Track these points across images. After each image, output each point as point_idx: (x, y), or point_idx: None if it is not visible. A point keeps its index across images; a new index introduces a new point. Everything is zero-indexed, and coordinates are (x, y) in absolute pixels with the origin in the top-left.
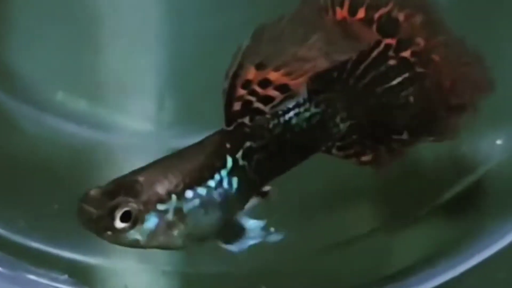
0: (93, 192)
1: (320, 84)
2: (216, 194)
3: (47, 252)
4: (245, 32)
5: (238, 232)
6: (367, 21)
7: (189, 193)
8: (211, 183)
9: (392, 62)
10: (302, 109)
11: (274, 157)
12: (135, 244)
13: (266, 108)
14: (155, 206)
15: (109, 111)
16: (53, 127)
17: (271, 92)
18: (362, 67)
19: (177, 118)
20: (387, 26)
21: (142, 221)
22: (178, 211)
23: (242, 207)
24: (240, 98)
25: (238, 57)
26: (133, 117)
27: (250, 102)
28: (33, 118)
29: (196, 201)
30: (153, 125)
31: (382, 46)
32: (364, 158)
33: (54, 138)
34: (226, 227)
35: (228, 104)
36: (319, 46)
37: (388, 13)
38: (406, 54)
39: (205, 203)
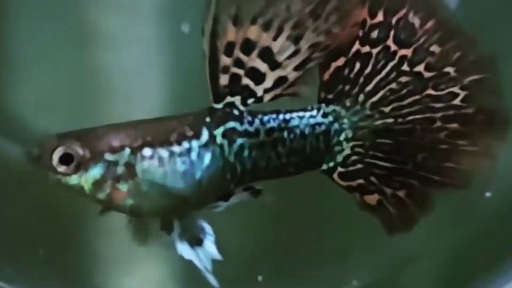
0: (48, 136)
1: (331, 94)
2: (179, 162)
3: None
4: None
5: (192, 231)
6: (385, 26)
7: (147, 151)
8: (176, 148)
9: (404, 79)
10: (307, 114)
11: (266, 154)
12: (80, 192)
13: (259, 90)
14: (104, 156)
15: None
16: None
17: (256, 61)
18: (374, 82)
19: None
20: (404, 33)
21: (87, 168)
22: (129, 165)
23: (213, 195)
24: (226, 70)
25: (212, 6)
26: None
27: (238, 77)
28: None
29: (154, 162)
30: None
31: (397, 58)
32: (368, 199)
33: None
34: (183, 212)
35: (213, 76)
36: None
37: (405, 17)
38: (420, 68)
39: (164, 167)
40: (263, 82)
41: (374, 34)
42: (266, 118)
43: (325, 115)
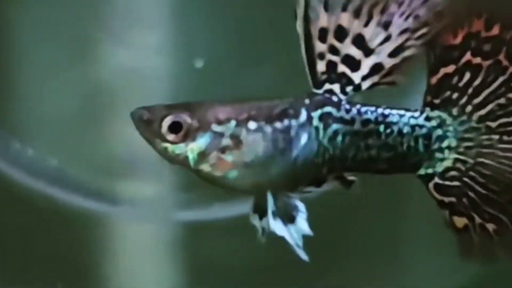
0: (157, 105)
1: (438, 100)
2: (280, 137)
3: None
4: None
5: (286, 208)
6: (499, 40)
7: (252, 124)
8: (278, 124)
9: None
10: (409, 114)
11: (359, 144)
12: (184, 162)
13: (356, 77)
14: (211, 126)
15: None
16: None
17: (351, 48)
18: (483, 95)
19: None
20: None
21: (194, 138)
22: (235, 137)
23: (306, 177)
24: (322, 56)
25: None
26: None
27: (334, 64)
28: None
29: (258, 135)
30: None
31: (507, 74)
32: (456, 220)
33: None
34: (278, 190)
35: (311, 61)
36: None
37: None
38: None
39: (267, 141)
40: (359, 69)
41: (487, 47)
42: (364, 109)
43: (428, 119)
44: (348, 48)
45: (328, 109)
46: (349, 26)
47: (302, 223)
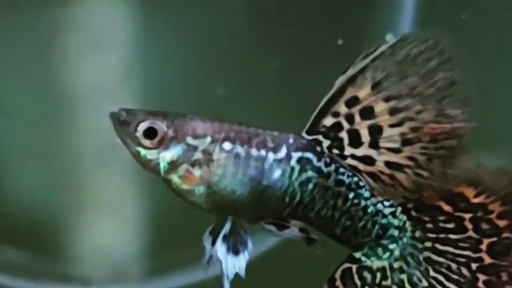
0: (137, 109)
1: (416, 213)
2: (252, 165)
3: None
4: None
5: (237, 239)
6: (499, 215)
7: (227, 145)
8: (254, 152)
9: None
10: (380, 199)
11: (326, 200)
12: (154, 168)
13: (348, 150)
14: (185, 138)
15: None
16: None
17: (364, 130)
18: (448, 239)
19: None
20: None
21: (167, 147)
22: (207, 153)
23: (268, 212)
24: (336, 115)
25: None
26: None
27: (340, 129)
28: None
29: (230, 156)
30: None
31: (474, 242)
32: None
33: None
34: (238, 217)
35: (323, 111)
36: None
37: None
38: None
39: (238, 165)
40: (356, 148)
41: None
42: (342, 170)
43: (394, 215)
44: (362, 127)
45: (309, 155)
46: (378, 115)
47: (242, 261)
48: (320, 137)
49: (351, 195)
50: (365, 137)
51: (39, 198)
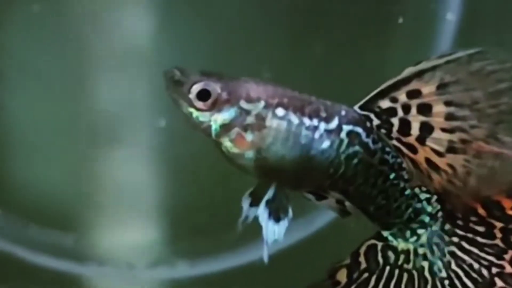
0: (191, 70)
1: (451, 220)
2: (303, 133)
3: None
4: None
5: (279, 206)
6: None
7: (280, 111)
8: (306, 120)
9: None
10: (419, 185)
11: (367, 176)
12: (206, 130)
13: (394, 134)
14: (239, 102)
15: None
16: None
17: (416, 122)
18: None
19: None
20: None
21: (220, 109)
22: (260, 118)
23: (312, 181)
24: (395, 100)
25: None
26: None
27: (394, 113)
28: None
29: (283, 123)
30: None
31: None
32: None
33: None
34: (283, 184)
35: (384, 92)
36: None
37: None
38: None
39: (290, 132)
40: (403, 135)
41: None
42: (388, 149)
43: (428, 202)
44: (415, 120)
45: (359, 129)
46: (434, 115)
47: (282, 229)
48: (371, 115)
49: (392, 175)
50: (415, 130)
51: (56, 181)
